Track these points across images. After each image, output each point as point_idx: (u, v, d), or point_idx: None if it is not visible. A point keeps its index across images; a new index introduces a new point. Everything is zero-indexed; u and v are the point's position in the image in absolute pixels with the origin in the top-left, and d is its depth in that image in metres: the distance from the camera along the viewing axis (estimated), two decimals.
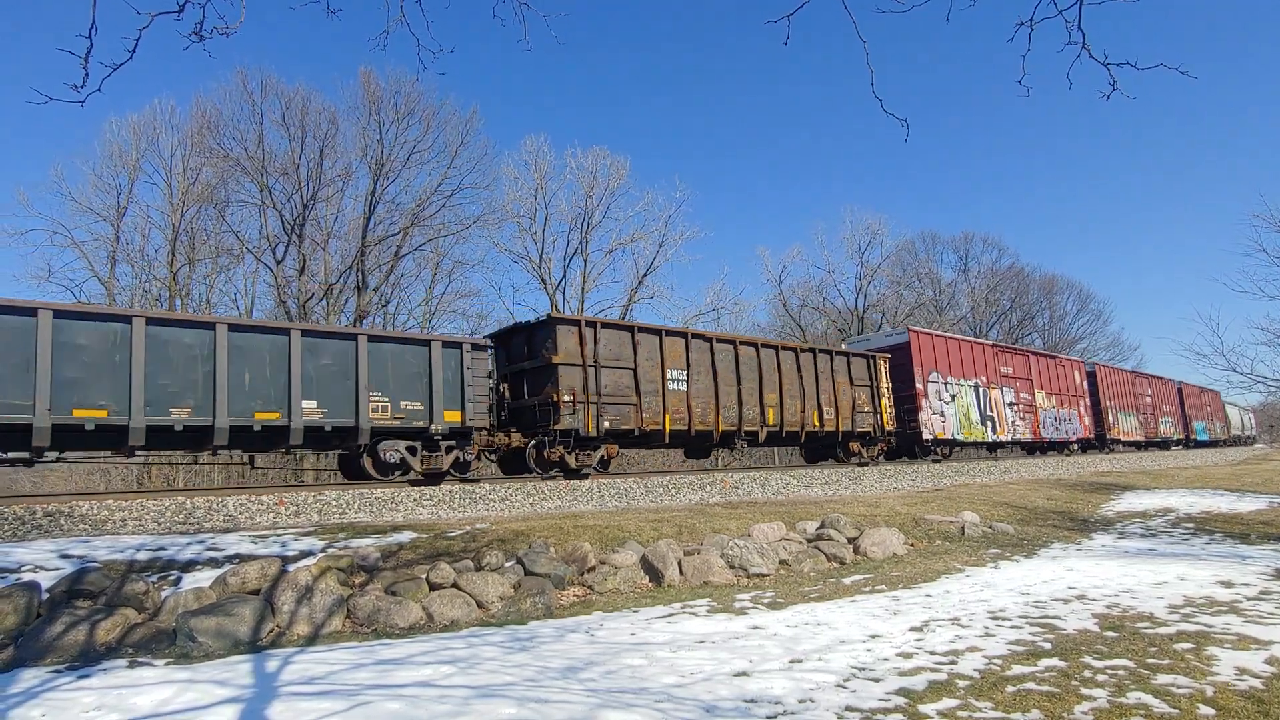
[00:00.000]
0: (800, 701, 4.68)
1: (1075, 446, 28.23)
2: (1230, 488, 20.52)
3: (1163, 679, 4.95)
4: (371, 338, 11.86)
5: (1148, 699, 4.57)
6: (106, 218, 26.95)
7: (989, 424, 23.20)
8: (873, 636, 6.29)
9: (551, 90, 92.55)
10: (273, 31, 72.21)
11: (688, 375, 15.28)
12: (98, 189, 27.09)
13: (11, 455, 9.27)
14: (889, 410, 19.93)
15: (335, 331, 11.88)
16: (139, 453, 10.49)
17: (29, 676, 5.28)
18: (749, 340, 16.88)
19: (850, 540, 11.00)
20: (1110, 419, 30.47)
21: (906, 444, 21.29)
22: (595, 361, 13.81)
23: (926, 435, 20.68)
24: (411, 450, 12.02)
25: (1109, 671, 5.15)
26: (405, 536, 8.84)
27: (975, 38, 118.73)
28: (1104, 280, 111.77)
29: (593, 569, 8.76)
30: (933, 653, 5.74)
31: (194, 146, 27.76)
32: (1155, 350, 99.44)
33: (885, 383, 20.04)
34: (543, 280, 34.84)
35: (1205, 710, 4.37)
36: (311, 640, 6.48)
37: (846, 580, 9.05)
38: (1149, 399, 34.26)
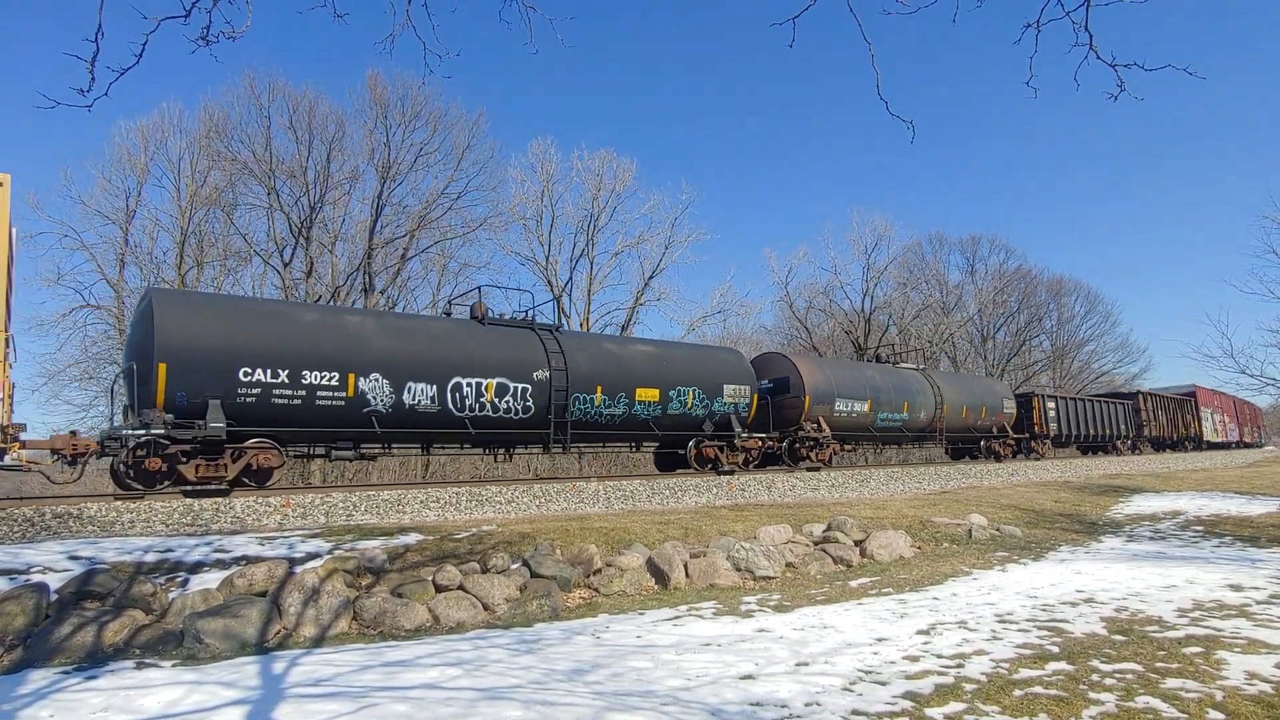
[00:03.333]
0: (806, 705, 4.67)
1: (1234, 445, 45.78)
2: (1240, 490, 20.37)
3: (1171, 683, 4.92)
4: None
5: (1156, 703, 4.54)
6: (115, 220, 27.07)
7: (1215, 433, 42.06)
8: (879, 639, 6.26)
9: (558, 93, 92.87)
10: (280, 35, 72.63)
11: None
12: (106, 192, 27.22)
13: None
14: (1196, 425, 38.75)
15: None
16: None
17: (37, 677, 5.31)
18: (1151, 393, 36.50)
19: (857, 543, 10.97)
20: (1243, 429, 49.30)
21: (1195, 443, 38.69)
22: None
23: (1207, 438, 39.78)
24: None
25: (1117, 675, 5.12)
26: (412, 539, 8.86)
27: (982, 39, 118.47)
28: (1112, 282, 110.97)
29: (598, 571, 8.76)
30: (939, 656, 5.72)
31: (202, 149, 27.91)
32: (1164, 353, 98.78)
33: (1195, 412, 38.98)
34: (549, 282, 34.89)
35: (1214, 715, 4.34)
36: (318, 642, 6.50)
37: (853, 583, 9.02)
38: (1249, 414, 52.14)
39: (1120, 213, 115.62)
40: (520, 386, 13.08)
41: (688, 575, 9.01)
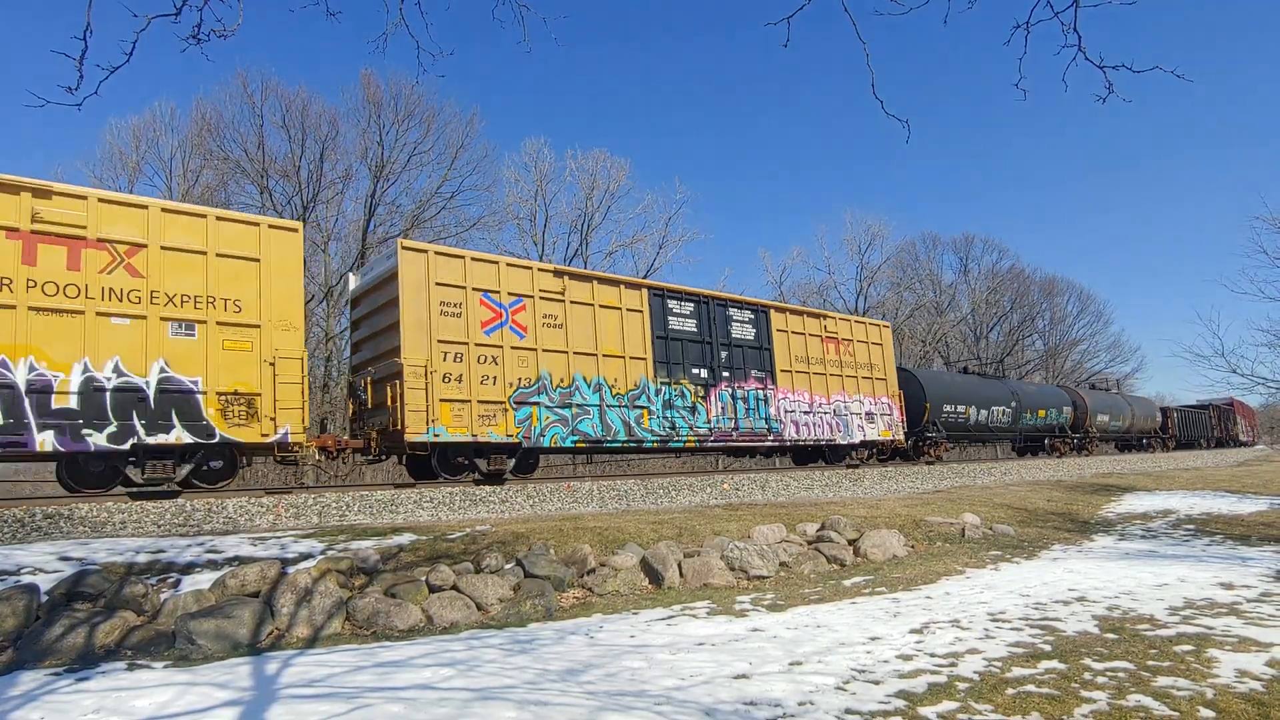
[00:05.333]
0: (800, 704, 4.67)
1: (1250, 443, 53.31)
2: (1231, 489, 20.50)
3: (1163, 681, 4.94)
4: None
5: (1148, 701, 4.56)
6: None
7: (1244, 433, 50.80)
8: (872, 639, 6.28)
9: (552, 92, 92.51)
10: (273, 34, 72.19)
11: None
12: None
13: None
14: (1235, 428, 48.14)
15: None
16: None
17: (28, 679, 5.28)
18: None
19: (850, 542, 10.99)
20: (1259, 429, 57.91)
21: (1234, 441, 47.93)
22: None
23: (1240, 438, 48.72)
24: None
25: (1109, 674, 5.14)
26: (405, 539, 8.84)
27: (975, 40, 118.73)
28: (1104, 282, 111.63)
29: (593, 571, 8.75)
30: (932, 655, 5.74)
31: (194, 148, 27.85)
32: (1156, 352, 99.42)
33: (1233, 418, 48.18)
34: None
35: (1205, 713, 4.36)
36: (311, 642, 6.48)
37: (847, 582, 9.04)
38: (1255, 415, 59.52)
39: (1113, 213, 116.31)
40: (1004, 409, 25.01)
41: (682, 575, 9.01)
